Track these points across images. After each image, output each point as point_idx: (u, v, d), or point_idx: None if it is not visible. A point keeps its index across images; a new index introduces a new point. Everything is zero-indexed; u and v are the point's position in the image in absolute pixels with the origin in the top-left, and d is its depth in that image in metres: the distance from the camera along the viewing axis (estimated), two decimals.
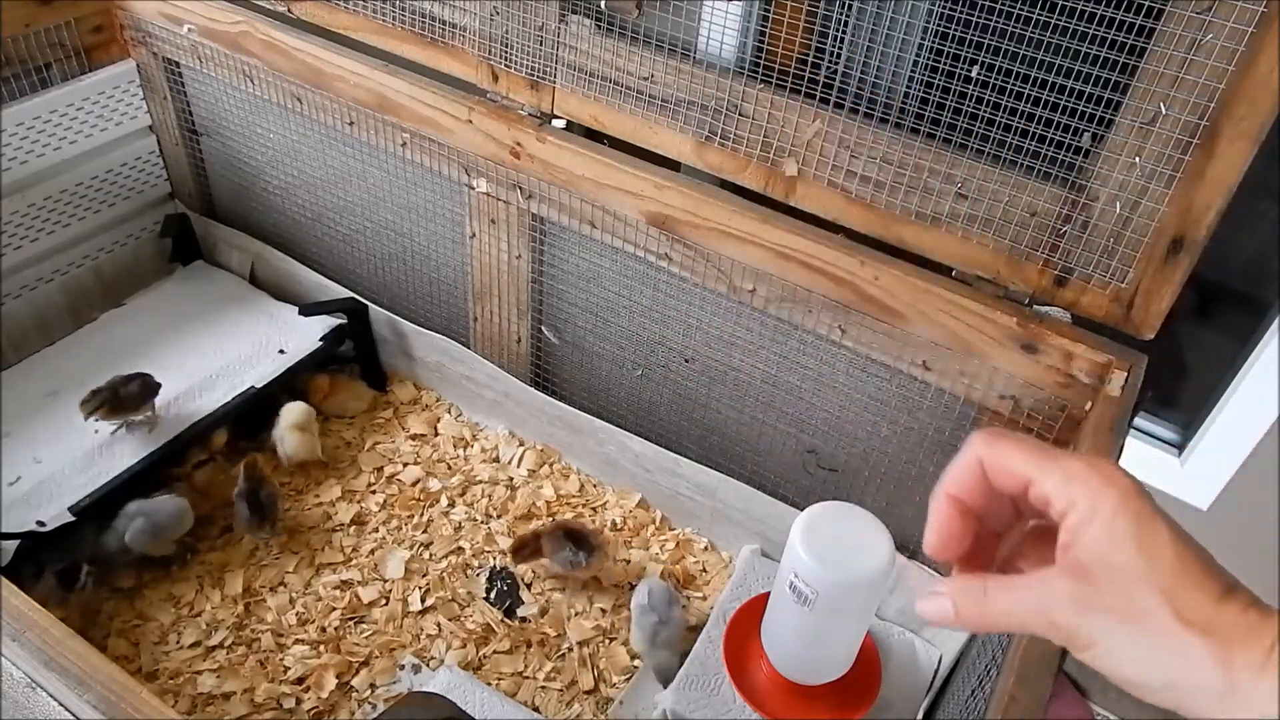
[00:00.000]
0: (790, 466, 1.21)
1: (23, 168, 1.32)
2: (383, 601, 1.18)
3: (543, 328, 1.33)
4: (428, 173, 1.27)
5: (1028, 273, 0.93)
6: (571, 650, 1.15)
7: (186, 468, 1.26)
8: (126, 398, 1.20)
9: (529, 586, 1.22)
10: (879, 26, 0.92)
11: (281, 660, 1.11)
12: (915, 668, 1.10)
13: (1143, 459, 1.66)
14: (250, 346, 1.39)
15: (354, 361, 1.47)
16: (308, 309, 1.42)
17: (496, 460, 1.38)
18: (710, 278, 1.10)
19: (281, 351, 1.38)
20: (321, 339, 1.40)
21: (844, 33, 0.93)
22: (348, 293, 1.44)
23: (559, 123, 1.14)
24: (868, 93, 0.93)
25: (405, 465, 1.36)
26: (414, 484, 1.33)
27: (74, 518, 1.12)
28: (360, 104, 1.24)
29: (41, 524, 1.11)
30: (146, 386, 1.23)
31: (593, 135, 1.13)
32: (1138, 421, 1.19)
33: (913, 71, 0.93)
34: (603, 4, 1.03)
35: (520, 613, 1.19)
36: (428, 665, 1.13)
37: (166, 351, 1.37)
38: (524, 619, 1.18)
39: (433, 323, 1.43)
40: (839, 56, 0.93)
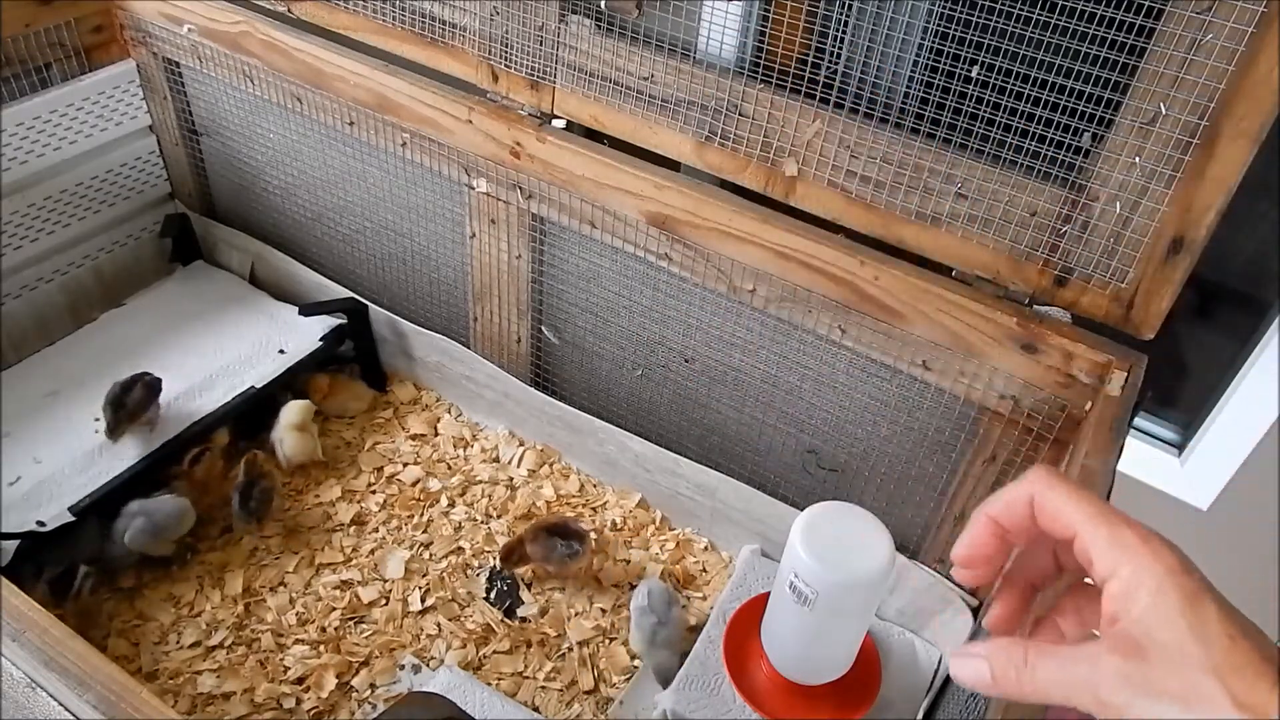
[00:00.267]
0: (790, 466, 1.21)
1: (23, 168, 1.32)
2: (383, 601, 1.18)
3: (543, 328, 1.33)
4: (428, 173, 1.27)
5: (1028, 273, 0.93)
6: (571, 650, 1.15)
7: (185, 465, 1.25)
8: (134, 403, 1.20)
9: (529, 586, 1.22)
10: (879, 26, 0.92)
11: (281, 660, 1.11)
12: (915, 668, 1.10)
13: (1143, 459, 1.66)
14: (250, 346, 1.39)
15: (354, 361, 1.47)
16: (308, 309, 1.42)
17: (496, 460, 1.38)
18: (710, 278, 1.10)
19: (281, 351, 1.38)
20: (321, 339, 1.40)
21: (844, 33, 0.93)
22: (348, 293, 1.44)
23: (559, 123, 1.14)
24: (868, 93, 0.93)
25: (405, 465, 1.36)
26: (414, 484, 1.33)
27: (74, 518, 1.12)
28: (360, 104, 1.24)
29: (41, 524, 1.11)
30: (149, 386, 1.23)
31: (593, 135, 1.13)
32: (1138, 421, 1.19)
33: (912, 71, 0.93)
34: (603, 4, 1.03)
35: (520, 613, 1.19)
36: (428, 665, 1.13)
37: (166, 351, 1.37)
38: (524, 619, 1.18)
39: (433, 323, 1.43)
40: (839, 56, 0.93)
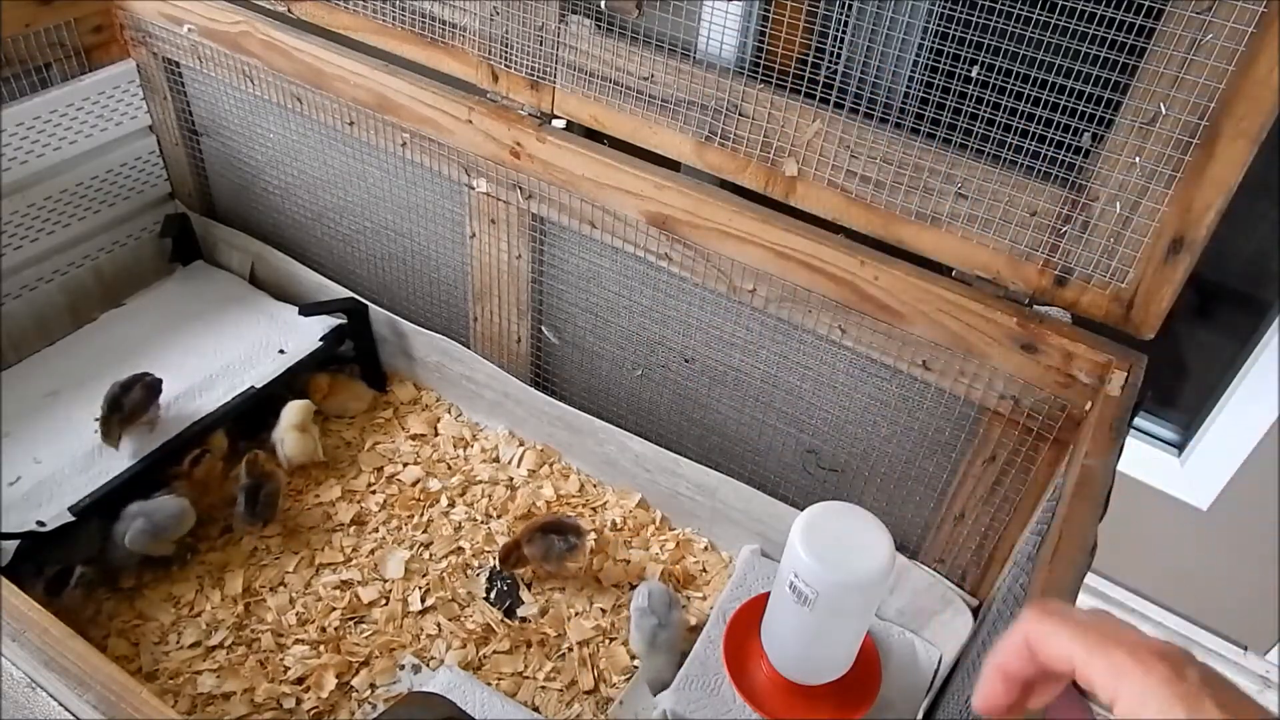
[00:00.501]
0: (790, 466, 1.21)
1: (23, 168, 1.32)
2: (383, 601, 1.18)
3: (543, 328, 1.33)
4: (428, 173, 1.27)
5: (1028, 273, 0.93)
6: (571, 650, 1.15)
7: (185, 465, 1.25)
8: (131, 405, 1.20)
9: (529, 586, 1.22)
10: (879, 26, 0.92)
11: (281, 660, 1.11)
12: (915, 668, 1.10)
13: (1143, 459, 1.66)
14: (250, 346, 1.39)
15: (354, 361, 1.47)
16: (308, 309, 1.42)
17: (496, 460, 1.38)
18: (710, 278, 1.10)
19: (281, 351, 1.38)
20: (321, 339, 1.40)
21: (844, 33, 0.93)
22: (348, 293, 1.44)
23: (559, 123, 1.14)
24: (868, 93, 0.93)
25: (405, 465, 1.36)
26: (414, 484, 1.33)
27: (74, 518, 1.12)
28: (360, 104, 1.24)
29: (41, 524, 1.11)
30: (149, 387, 1.23)
31: (593, 135, 1.13)
32: (1138, 421, 1.19)
33: (913, 71, 0.93)
34: (603, 4, 1.03)
35: (520, 613, 1.19)
36: (428, 665, 1.13)
37: (166, 351, 1.37)
38: (524, 619, 1.18)
39: (433, 323, 1.43)
40: (839, 56, 0.93)
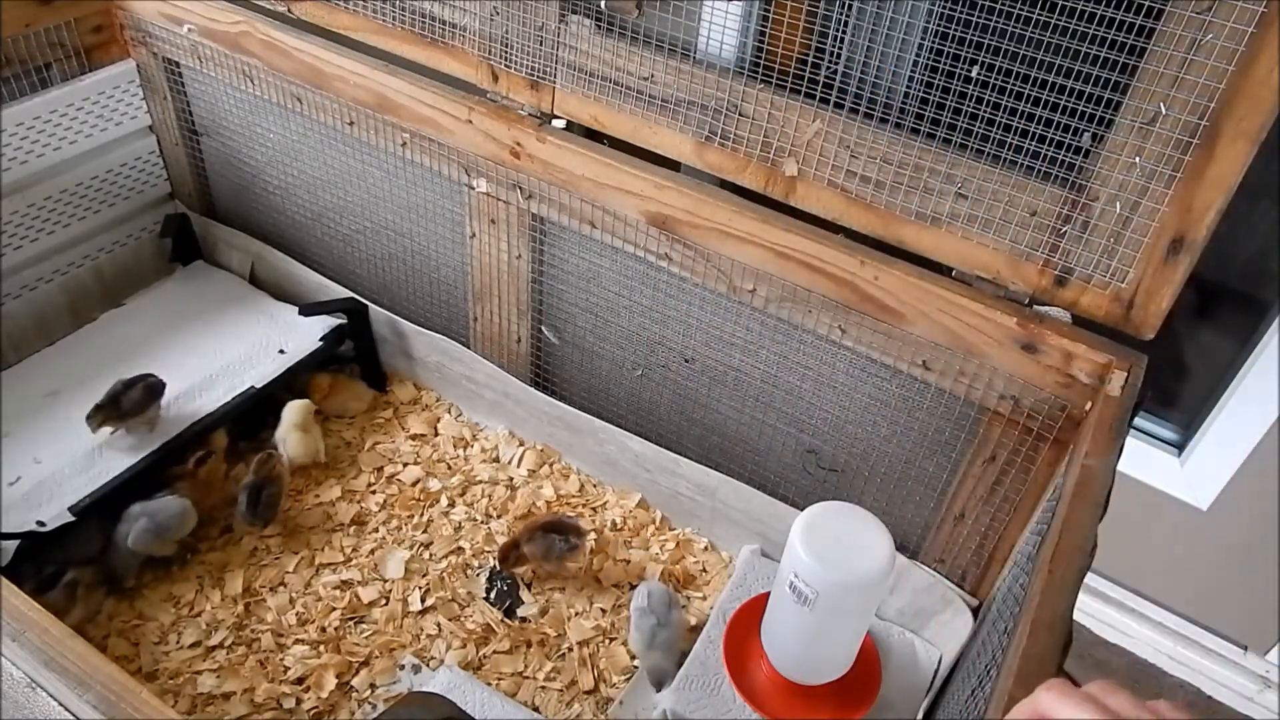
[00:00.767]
0: (790, 466, 1.21)
1: (23, 168, 1.32)
2: (383, 601, 1.18)
3: (543, 328, 1.33)
4: (428, 173, 1.27)
5: (1028, 273, 0.93)
6: (571, 650, 1.15)
7: (188, 466, 1.26)
8: (129, 404, 1.20)
9: (529, 586, 1.22)
10: (879, 26, 0.92)
11: (281, 660, 1.11)
12: (915, 668, 1.10)
13: (1143, 459, 1.66)
14: (250, 346, 1.39)
15: (354, 361, 1.47)
16: (308, 309, 1.42)
17: (496, 460, 1.38)
18: (710, 278, 1.10)
19: (281, 351, 1.38)
20: (321, 339, 1.40)
21: (844, 33, 0.93)
22: (348, 293, 1.44)
23: (559, 123, 1.14)
24: (868, 93, 0.93)
25: (405, 465, 1.36)
26: (414, 484, 1.33)
27: (74, 518, 1.12)
28: (360, 104, 1.24)
29: (41, 524, 1.11)
30: (150, 388, 1.23)
31: (593, 135, 1.13)
32: (1138, 421, 1.19)
33: (913, 71, 0.93)
34: (603, 4, 1.03)
35: (520, 613, 1.19)
36: (428, 665, 1.13)
37: (166, 351, 1.37)
38: (524, 619, 1.18)
39: (433, 323, 1.43)
40: (839, 56, 0.93)
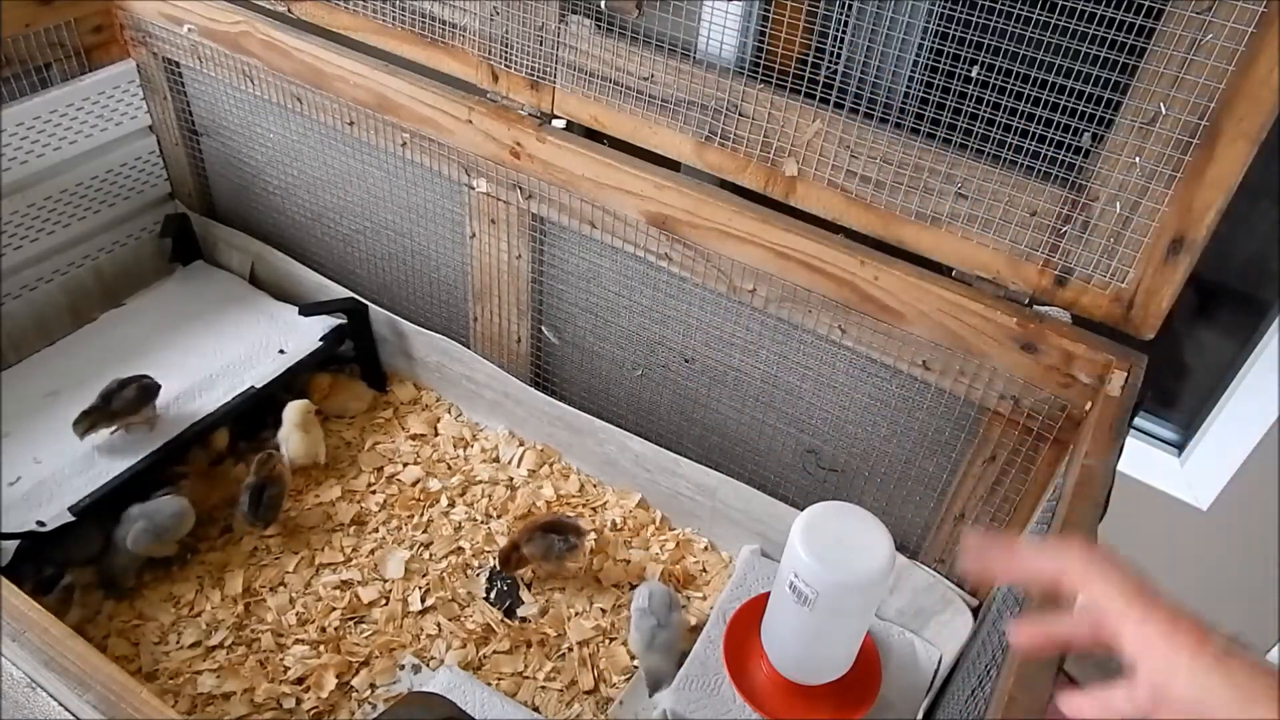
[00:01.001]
0: (790, 466, 1.21)
1: (23, 168, 1.32)
2: (383, 601, 1.18)
3: (543, 328, 1.32)
4: (428, 173, 1.27)
5: (1028, 273, 0.93)
6: (571, 650, 1.15)
7: (187, 466, 1.26)
8: (120, 404, 1.20)
9: (529, 586, 1.22)
10: (879, 26, 0.92)
11: (281, 660, 1.11)
12: (915, 668, 1.10)
13: (1143, 459, 1.66)
14: (250, 346, 1.39)
15: (354, 361, 1.47)
16: (308, 309, 1.42)
17: (496, 460, 1.38)
18: (710, 278, 1.10)
19: (281, 351, 1.38)
20: (321, 339, 1.40)
21: (844, 33, 0.93)
22: (348, 293, 1.44)
23: (559, 123, 1.14)
24: (868, 93, 0.93)
25: (405, 465, 1.36)
26: (414, 484, 1.33)
27: (74, 518, 1.12)
28: (360, 104, 1.24)
29: (41, 524, 1.11)
30: (144, 389, 1.22)
31: (593, 135, 1.13)
32: (1138, 421, 1.19)
33: (913, 71, 0.93)
34: (603, 4, 1.03)
35: (520, 613, 1.19)
36: (428, 665, 1.12)
37: (166, 351, 1.37)
38: (524, 619, 1.18)
39: (433, 323, 1.43)
40: (839, 56, 0.93)
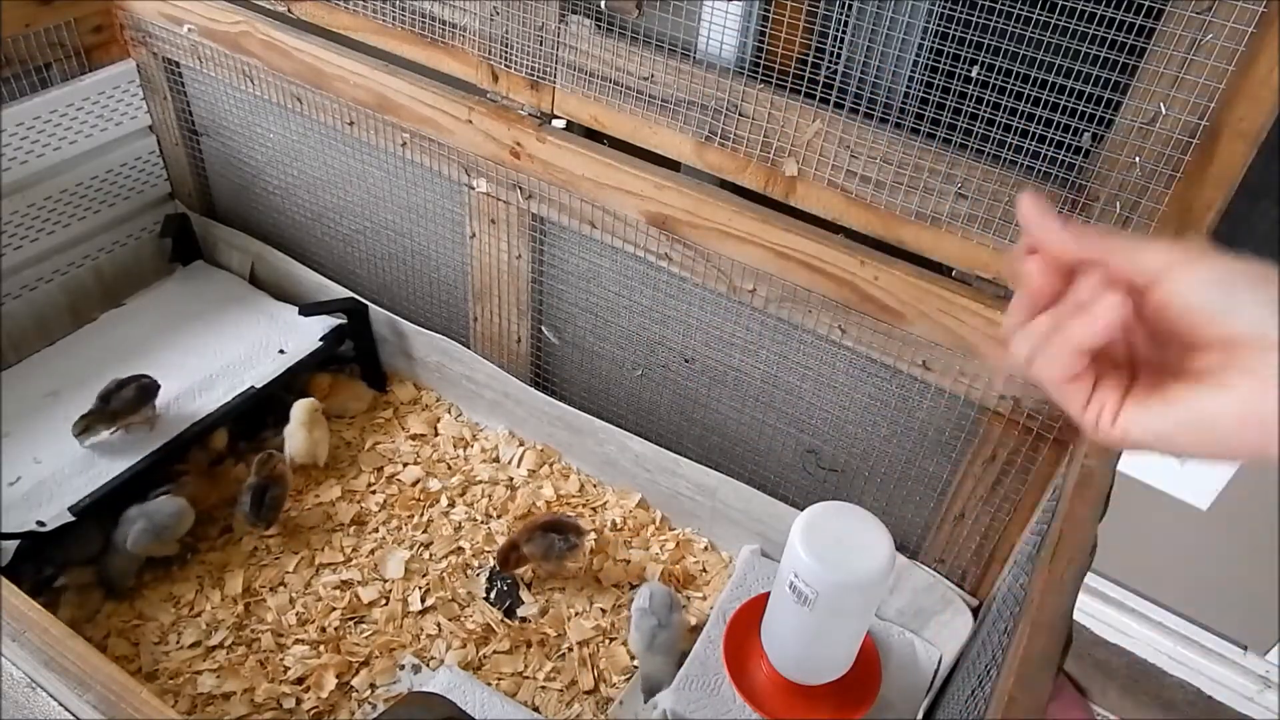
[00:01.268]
0: (790, 466, 1.21)
1: (23, 168, 1.32)
2: (383, 601, 1.18)
3: (543, 328, 1.33)
4: (428, 173, 1.27)
5: None
6: (571, 650, 1.15)
7: (187, 466, 1.26)
8: (119, 404, 1.20)
9: (529, 586, 1.22)
10: (879, 26, 0.92)
11: (281, 660, 1.11)
12: (915, 668, 1.10)
13: (1143, 459, 1.66)
14: (250, 346, 1.39)
15: (354, 361, 1.47)
16: (308, 309, 1.42)
17: (496, 460, 1.38)
18: (710, 278, 1.10)
19: (281, 351, 1.38)
20: (321, 339, 1.40)
21: (844, 33, 0.93)
22: (348, 293, 1.44)
23: (559, 123, 1.14)
24: (868, 93, 0.93)
25: (405, 465, 1.36)
26: (414, 484, 1.33)
27: (74, 518, 1.12)
28: (360, 104, 1.24)
29: (41, 524, 1.11)
30: (143, 389, 1.22)
31: (593, 135, 1.13)
32: None
33: (912, 71, 0.93)
34: (603, 4, 1.03)
35: (520, 613, 1.19)
36: (428, 665, 1.13)
37: (166, 351, 1.37)
38: (524, 619, 1.18)
39: (433, 323, 1.43)
40: (839, 56, 0.93)
